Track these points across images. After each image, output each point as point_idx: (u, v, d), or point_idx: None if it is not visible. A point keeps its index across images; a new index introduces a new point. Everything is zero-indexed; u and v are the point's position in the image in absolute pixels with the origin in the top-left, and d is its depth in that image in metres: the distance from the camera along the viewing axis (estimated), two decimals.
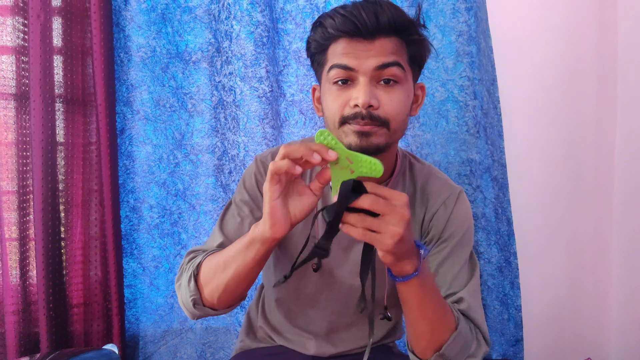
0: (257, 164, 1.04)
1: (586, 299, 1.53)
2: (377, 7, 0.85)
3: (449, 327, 0.85)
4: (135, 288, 1.50)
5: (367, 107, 0.84)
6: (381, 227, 0.70)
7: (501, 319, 1.40)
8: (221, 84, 1.43)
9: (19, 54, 1.38)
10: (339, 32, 0.85)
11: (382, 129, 0.86)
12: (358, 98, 0.84)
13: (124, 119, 1.46)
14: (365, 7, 0.84)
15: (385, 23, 0.84)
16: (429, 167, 1.04)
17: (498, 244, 1.38)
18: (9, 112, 1.38)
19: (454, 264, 0.95)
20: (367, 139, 0.85)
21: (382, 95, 0.85)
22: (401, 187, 1.01)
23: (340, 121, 0.86)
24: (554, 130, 1.52)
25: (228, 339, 1.50)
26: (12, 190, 1.39)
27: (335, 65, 0.86)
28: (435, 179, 1.02)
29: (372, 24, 0.83)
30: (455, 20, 1.36)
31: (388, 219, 0.70)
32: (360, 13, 0.84)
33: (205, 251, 1.00)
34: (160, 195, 1.47)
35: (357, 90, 0.85)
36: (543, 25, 1.49)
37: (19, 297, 1.39)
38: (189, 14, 1.43)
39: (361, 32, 0.84)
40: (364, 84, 0.84)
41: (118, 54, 1.44)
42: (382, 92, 0.86)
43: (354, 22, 0.84)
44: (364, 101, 0.83)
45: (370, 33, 0.84)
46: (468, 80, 1.36)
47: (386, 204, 0.70)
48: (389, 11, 0.85)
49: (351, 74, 0.86)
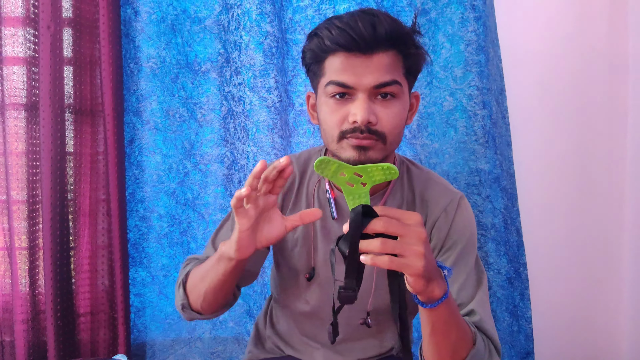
0: None
1: (598, 311, 1.51)
2: (375, 19, 0.83)
3: (468, 345, 0.84)
4: (144, 297, 1.50)
5: (366, 124, 0.83)
6: (405, 249, 0.66)
7: (511, 331, 1.39)
8: (230, 94, 1.43)
9: (29, 64, 1.39)
10: (335, 45, 0.84)
11: (379, 143, 0.86)
12: (357, 115, 0.83)
13: (133, 129, 1.47)
14: (362, 19, 0.83)
15: (383, 35, 0.83)
16: (428, 172, 1.03)
17: (507, 255, 1.37)
18: (19, 122, 1.39)
19: (460, 274, 0.93)
20: (365, 153, 0.85)
21: (380, 110, 0.85)
22: (400, 194, 0.99)
23: (339, 136, 0.87)
24: (563, 140, 1.52)
25: (236, 348, 1.50)
26: (22, 199, 1.39)
27: (332, 82, 0.86)
28: (435, 185, 1.00)
29: (369, 36, 0.82)
30: (464, 29, 1.36)
31: (407, 240, 0.67)
32: (357, 25, 0.82)
33: (199, 259, 1.05)
34: (170, 204, 1.48)
35: (356, 106, 0.84)
36: (552, 34, 1.48)
37: (28, 306, 1.39)
38: (198, 25, 1.43)
39: (359, 45, 0.83)
40: (362, 100, 0.84)
41: (128, 65, 1.45)
42: (380, 107, 0.85)
43: (351, 35, 0.82)
44: (363, 119, 0.83)
45: (367, 47, 0.83)
46: (477, 90, 1.35)
47: (400, 225, 0.67)
48: (386, 23, 0.83)
49: (349, 90, 0.85)
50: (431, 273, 0.69)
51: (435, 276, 0.71)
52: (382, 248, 0.65)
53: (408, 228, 0.67)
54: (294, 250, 1.03)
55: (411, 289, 0.71)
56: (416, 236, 0.67)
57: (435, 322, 0.77)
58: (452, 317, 0.78)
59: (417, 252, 0.66)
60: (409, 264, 0.66)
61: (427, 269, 0.67)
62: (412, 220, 0.68)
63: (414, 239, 0.67)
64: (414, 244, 0.66)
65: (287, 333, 1.10)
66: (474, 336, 0.84)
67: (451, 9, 1.37)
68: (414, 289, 0.70)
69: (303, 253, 1.02)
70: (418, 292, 0.72)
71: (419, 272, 0.67)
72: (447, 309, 0.76)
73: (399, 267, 0.66)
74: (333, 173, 0.69)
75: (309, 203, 1.02)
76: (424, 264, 0.66)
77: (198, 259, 1.06)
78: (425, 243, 0.68)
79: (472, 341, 0.84)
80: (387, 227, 0.66)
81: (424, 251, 0.67)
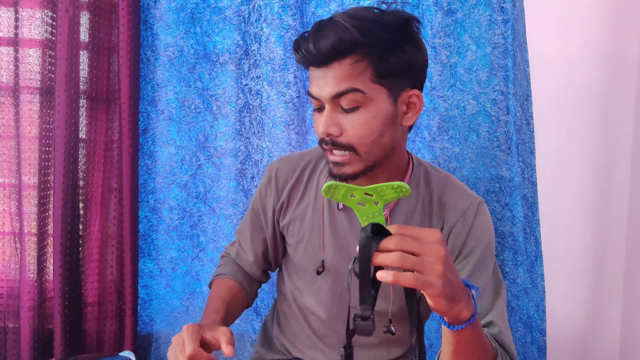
0: (270, 175, 1.07)
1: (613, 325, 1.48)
2: (320, 34, 0.81)
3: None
4: (151, 289, 1.49)
5: (328, 136, 0.85)
6: (424, 266, 0.62)
7: (524, 342, 1.36)
8: (248, 87, 1.40)
9: (46, 47, 1.37)
10: (300, 61, 0.87)
11: (353, 155, 0.85)
12: (318, 127, 0.86)
13: (147, 118, 1.44)
14: (311, 36, 0.82)
15: (328, 49, 0.80)
16: (446, 176, 1.00)
17: (525, 265, 1.34)
18: (33, 106, 1.37)
19: (477, 283, 0.90)
20: (339, 168, 0.87)
21: (343, 121, 0.85)
22: (416, 196, 0.97)
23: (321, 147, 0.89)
24: (586, 149, 1.48)
25: (242, 345, 1.48)
26: (33, 184, 1.38)
27: (308, 92, 0.88)
28: (453, 188, 0.97)
29: (317, 51, 0.81)
30: (491, 32, 1.32)
31: (425, 258, 0.62)
32: (307, 43, 0.82)
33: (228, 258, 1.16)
34: (181, 196, 1.45)
35: (320, 118, 0.86)
36: (583, 41, 1.44)
37: (35, 293, 1.38)
38: (218, 15, 1.40)
39: (311, 60, 0.83)
40: (326, 112, 0.85)
41: (145, 52, 1.42)
42: (345, 119, 0.85)
43: (302, 53, 0.83)
44: (322, 131, 0.85)
45: (319, 61, 0.83)
46: (501, 95, 1.31)
47: (417, 243, 0.62)
48: (333, 35, 0.80)
49: (320, 102, 0.86)
50: (455, 292, 0.65)
51: (462, 296, 0.66)
52: (402, 262, 0.61)
53: (425, 246, 0.63)
54: (299, 245, 1.03)
55: (434, 309, 0.66)
56: (434, 254, 0.62)
57: (460, 343, 0.72)
58: (478, 337, 0.74)
59: (436, 270, 0.62)
60: (430, 282, 0.62)
61: (449, 288, 0.63)
62: (430, 238, 0.64)
63: (433, 257, 0.62)
64: (433, 262, 0.62)
65: (294, 335, 1.10)
66: (495, 352, 0.82)
67: (479, 11, 1.33)
68: (437, 310, 0.66)
69: (309, 248, 1.02)
70: (442, 313, 0.67)
71: (437, 291, 0.62)
72: (474, 330, 0.71)
73: (423, 285, 0.61)
74: (342, 197, 0.66)
75: (317, 197, 1.02)
76: (442, 283, 0.62)
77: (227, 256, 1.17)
78: (444, 261, 0.63)
79: (494, 357, 0.81)
80: (401, 245, 0.62)
81: (443, 270, 0.62)
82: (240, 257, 1.13)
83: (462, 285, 0.67)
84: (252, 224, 1.11)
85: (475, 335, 0.73)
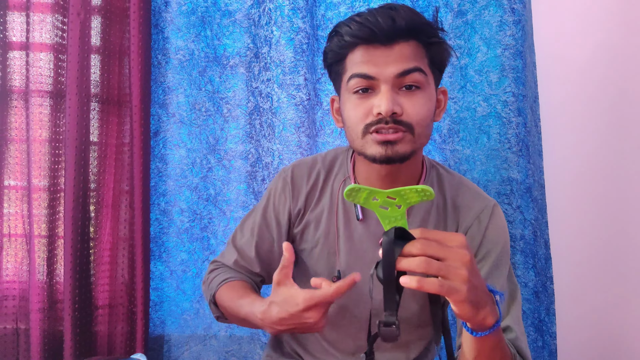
0: (285, 180, 1.04)
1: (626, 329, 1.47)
2: (393, 12, 0.82)
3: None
4: (162, 291, 1.49)
5: (390, 115, 0.81)
6: (449, 271, 0.61)
7: (535, 346, 1.35)
8: (258, 90, 1.41)
9: (57, 52, 1.37)
10: (355, 39, 0.84)
11: (407, 134, 0.83)
12: (381, 106, 0.82)
13: (158, 121, 1.45)
14: (381, 13, 0.82)
15: (403, 26, 0.82)
16: (459, 178, 1.00)
17: (535, 268, 1.33)
18: (44, 109, 1.38)
19: (493, 286, 0.88)
20: (392, 148, 0.83)
21: (404, 101, 0.83)
22: None
23: (364, 131, 0.85)
24: (594, 151, 1.47)
25: (252, 348, 1.48)
26: (43, 187, 1.38)
27: (355, 74, 0.84)
28: (467, 190, 0.97)
29: (388, 28, 0.81)
30: (502, 33, 1.32)
31: (449, 262, 0.61)
32: (376, 18, 0.82)
33: (223, 267, 1.08)
34: (192, 199, 1.46)
35: (379, 98, 0.83)
36: (594, 42, 1.43)
37: (45, 295, 1.38)
38: (228, 18, 1.41)
39: (378, 37, 0.82)
40: (385, 91, 0.82)
41: (156, 56, 1.43)
42: (404, 99, 0.83)
43: (370, 28, 0.82)
44: (387, 109, 0.81)
45: (387, 38, 0.82)
46: (513, 96, 1.31)
47: (441, 247, 0.62)
48: (405, 14, 0.82)
49: (372, 83, 0.84)
50: (480, 298, 0.64)
51: (486, 302, 0.66)
52: (427, 268, 0.60)
53: (450, 250, 0.62)
54: (314, 250, 1.01)
55: (458, 316, 0.65)
56: (459, 259, 0.62)
57: (482, 349, 0.72)
58: (500, 343, 0.73)
59: (461, 276, 0.61)
60: (455, 288, 0.61)
61: (474, 294, 0.63)
62: (455, 242, 0.63)
63: (457, 262, 0.62)
64: (458, 267, 0.61)
65: (304, 339, 1.08)
66: (514, 358, 0.81)
67: (489, 12, 1.33)
68: (461, 316, 0.65)
69: (323, 254, 1.00)
70: (467, 320, 0.66)
71: (462, 297, 0.61)
72: (497, 336, 0.71)
73: (448, 291, 0.60)
74: (365, 200, 0.65)
75: (332, 202, 1.00)
76: (467, 289, 0.61)
77: (222, 266, 1.08)
78: (469, 267, 0.62)
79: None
80: (425, 249, 0.61)
81: (468, 275, 0.61)
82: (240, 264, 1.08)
83: (486, 291, 0.67)
84: (259, 235, 1.05)
85: (498, 341, 0.72)
